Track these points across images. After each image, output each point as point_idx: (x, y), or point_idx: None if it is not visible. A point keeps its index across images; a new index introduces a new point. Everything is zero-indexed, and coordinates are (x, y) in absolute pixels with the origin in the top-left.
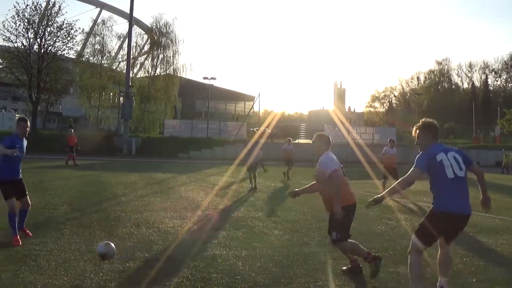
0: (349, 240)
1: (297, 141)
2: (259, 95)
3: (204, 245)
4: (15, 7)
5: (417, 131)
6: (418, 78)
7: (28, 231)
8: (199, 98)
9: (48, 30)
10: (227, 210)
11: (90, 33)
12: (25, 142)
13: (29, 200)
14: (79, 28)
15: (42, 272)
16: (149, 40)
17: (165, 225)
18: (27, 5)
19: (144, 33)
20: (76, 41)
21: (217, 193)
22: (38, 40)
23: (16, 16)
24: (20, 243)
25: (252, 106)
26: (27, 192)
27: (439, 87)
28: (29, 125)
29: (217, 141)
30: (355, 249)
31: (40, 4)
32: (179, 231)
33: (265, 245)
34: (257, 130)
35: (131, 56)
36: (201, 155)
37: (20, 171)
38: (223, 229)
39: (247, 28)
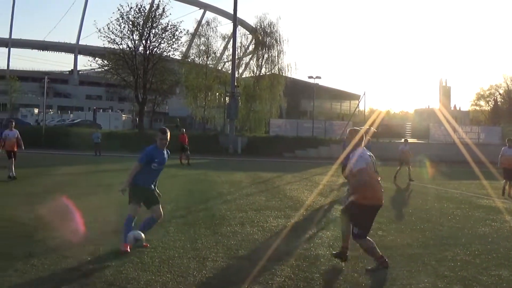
0: (367, 238)
1: (402, 140)
2: (364, 94)
3: (308, 244)
4: (119, 9)
5: None
6: None
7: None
8: (304, 98)
9: (153, 31)
10: (331, 210)
11: (194, 34)
12: (166, 153)
13: (161, 210)
14: (184, 30)
15: (146, 268)
16: (253, 40)
17: (269, 224)
18: (131, 7)
19: (248, 33)
20: (181, 42)
21: (322, 192)
22: (143, 41)
23: (121, 18)
24: (128, 251)
25: (358, 105)
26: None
27: None
28: (168, 137)
29: (322, 140)
30: (370, 249)
31: (144, 7)
32: (283, 230)
33: None
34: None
35: (236, 56)
36: (306, 154)
37: (156, 183)
38: (327, 228)
39: (351, 26)
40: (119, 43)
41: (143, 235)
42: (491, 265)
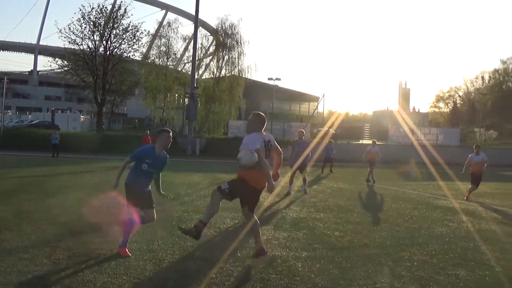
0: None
1: (360, 141)
2: (323, 96)
3: (265, 245)
4: (80, 10)
5: None
6: (482, 77)
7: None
8: (263, 99)
9: (114, 32)
10: (288, 211)
11: (155, 35)
12: (162, 158)
13: (153, 214)
14: (145, 30)
15: (102, 271)
16: (214, 42)
17: (226, 225)
18: (93, 8)
19: (209, 34)
20: (142, 43)
21: (279, 193)
22: (104, 42)
23: (82, 19)
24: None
25: (317, 106)
26: (153, 205)
27: (504, 86)
28: (171, 137)
29: (281, 142)
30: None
31: (105, 7)
32: (240, 231)
33: (326, 246)
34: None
35: (197, 58)
36: None
37: (149, 185)
38: (284, 230)
39: (311, 28)
40: (79, 43)
41: None
42: (448, 265)
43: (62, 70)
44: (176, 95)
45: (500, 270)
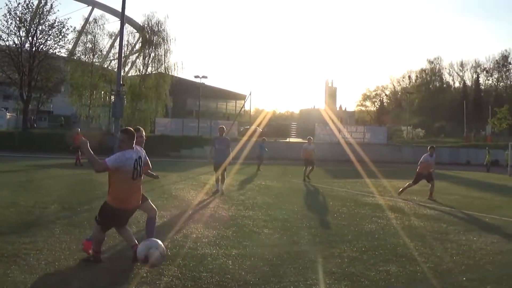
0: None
1: (287, 139)
2: (250, 94)
3: (195, 244)
4: (6, 5)
5: None
6: (409, 77)
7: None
8: (190, 97)
9: (40, 28)
10: (217, 209)
11: (81, 32)
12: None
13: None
14: (71, 27)
15: (32, 271)
16: (140, 39)
17: (156, 224)
18: (19, 3)
19: (135, 31)
20: (68, 40)
21: (208, 191)
22: (30, 38)
23: (8, 14)
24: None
25: (243, 104)
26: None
27: (431, 86)
28: (138, 135)
29: (208, 140)
30: (99, 241)
31: (32, 3)
32: (169, 230)
33: (255, 243)
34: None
35: (123, 55)
36: (192, 153)
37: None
38: (213, 228)
39: (238, 27)
40: (5, 39)
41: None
42: (378, 260)
43: None
44: (102, 92)
45: (430, 266)
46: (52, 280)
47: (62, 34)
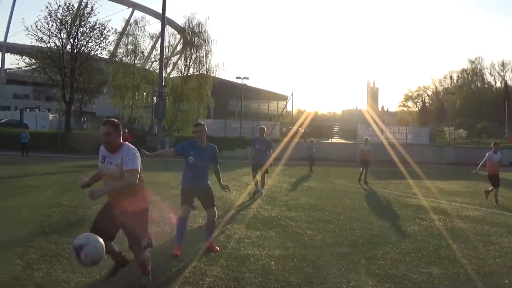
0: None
1: (330, 140)
2: (292, 95)
3: (237, 244)
4: (47, 7)
5: None
6: (451, 77)
7: (214, 245)
8: (232, 98)
9: (81, 30)
10: (260, 210)
11: (122, 33)
12: (208, 149)
13: (215, 211)
14: (112, 28)
15: (75, 270)
16: (181, 40)
17: (198, 224)
18: (59, 5)
19: (176, 33)
20: (109, 41)
21: (250, 192)
22: (71, 40)
23: (49, 16)
24: (179, 254)
25: (285, 105)
26: (214, 203)
27: (472, 86)
28: (200, 129)
29: (250, 141)
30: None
31: (72, 5)
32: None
33: (298, 244)
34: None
35: (164, 56)
36: (234, 154)
37: (204, 180)
38: (256, 228)
39: (280, 27)
40: (46, 41)
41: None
42: (421, 262)
43: (30, 68)
44: (144, 93)
45: (473, 268)
46: (95, 279)
47: (103, 36)
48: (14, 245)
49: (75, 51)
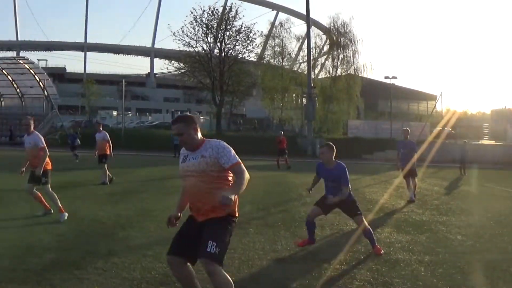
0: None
1: (479, 142)
2: (441, 94)
3: (388, 248)
4: (192, 13)
5: None
6: None
7: (377, 249)
8: (381, 98)
9: (227, 34)
10: (410, 213)
11: (268, 36)
12: (337, 170)
13: (362, 221)
14: (258, 31)
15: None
16: (327, 41)
17: (349, 227)
18: (204, 10)
19: (322, 33)
20: (256, 44)
21: (402, 195)
22: (218, 44)
23: (194, 21)
24: (302, 245)
25: (435, 105)
26: (358, 212)
27: None
28: (323, 151)
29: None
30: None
31: (217, 9)
32: (361, 233)
33: (448, 250)
34: None
35: (311, 57)
36: (385, 156)
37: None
38: (407, 232)
39: (427, 25)
40: (194, 46)
41: None
42: None
43: (179, 72)
44: (294, 95)
45: None
46: (244, 275)
47: (250, 39)
48: (164, 242)
49: (223, 54)
